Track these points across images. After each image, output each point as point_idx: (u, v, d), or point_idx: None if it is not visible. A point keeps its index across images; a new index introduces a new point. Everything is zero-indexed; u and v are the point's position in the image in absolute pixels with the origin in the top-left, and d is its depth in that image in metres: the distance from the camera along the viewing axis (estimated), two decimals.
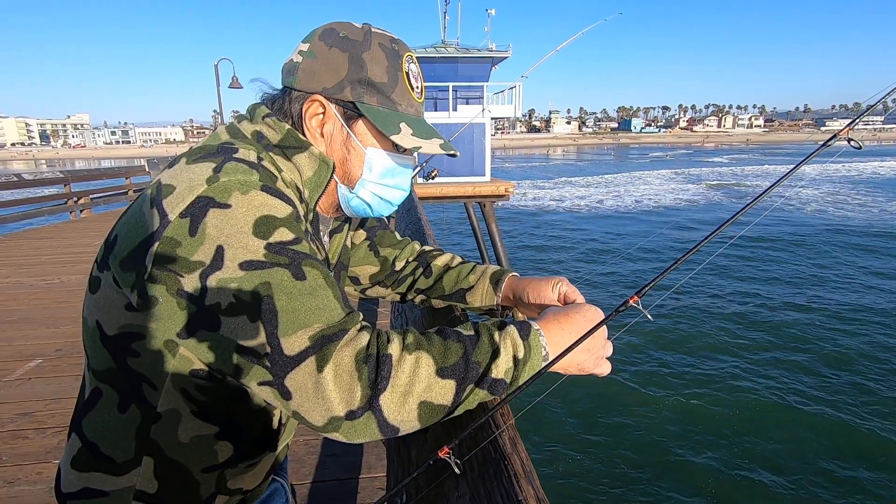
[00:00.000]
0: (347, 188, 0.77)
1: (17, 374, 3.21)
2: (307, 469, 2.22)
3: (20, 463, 2.28)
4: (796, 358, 7.50)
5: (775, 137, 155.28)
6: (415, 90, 0.75)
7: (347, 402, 0.51)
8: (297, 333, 0.52)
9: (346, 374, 0.51)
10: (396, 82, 0.73)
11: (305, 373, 0.51)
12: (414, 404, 0.54)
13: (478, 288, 0.95)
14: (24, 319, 4.27)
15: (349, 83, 0.71)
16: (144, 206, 0.59)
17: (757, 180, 33.76)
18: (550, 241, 16.20)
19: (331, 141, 0.74)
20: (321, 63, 0.71)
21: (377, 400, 0.52)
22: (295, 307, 0.53)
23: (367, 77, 0.71)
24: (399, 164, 0.77)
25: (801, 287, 10.93)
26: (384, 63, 0.72)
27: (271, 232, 0.57)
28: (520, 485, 0.50)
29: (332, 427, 0.52)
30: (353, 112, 0.72)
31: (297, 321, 0.53)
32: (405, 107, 0.74)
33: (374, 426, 0.53)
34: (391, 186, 0.78)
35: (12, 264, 6.39)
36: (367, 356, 0.53)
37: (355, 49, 0.71)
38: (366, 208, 0.80)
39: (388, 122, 0.71)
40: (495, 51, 14.43)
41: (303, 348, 0.52)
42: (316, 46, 0.71)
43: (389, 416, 0.53)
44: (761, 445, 5.51)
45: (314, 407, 0.51)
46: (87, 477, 0.67)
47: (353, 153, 0.75)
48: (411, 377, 0.54)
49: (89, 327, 0.66)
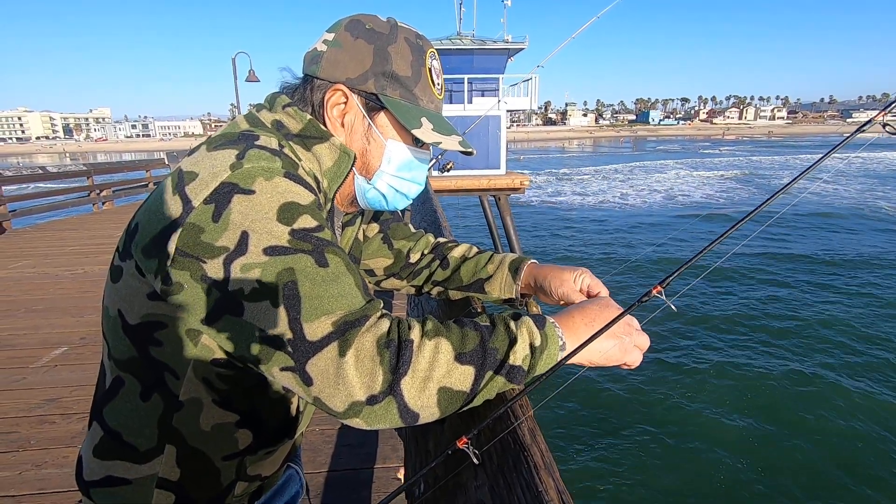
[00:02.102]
0: (365, 179, 0.77)
1: (43, 361, 3.31)
2: (323, 458, 2.25)
3: (47, 447, 2.35)
4: (826, 348, 7.36)
5: (799, 129, 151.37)
6: (436, 86, 0.76)
7: (369, 387, 0.51)
8: (320, 319, 0.52)
9: (368, 359, 0.52)
10: (419, 77, 0.73)
11: (327, 358, 0.51)
12: (434, 390, 0.54)
13: (496, 277, 0.94)
14: (49, 308, 4.39)
15: (373, 75, 0.71)
16: (166, 194, 0.59)
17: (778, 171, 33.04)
18: (567, 234, 16.06)
19: (351, 131, 0.74)
20: (346, 53, 0.71)
21: (398, 385, 0.52)
22: (318, 293, 0.53)
23: (392, 70, 0.71)
24: (417, 157, 0.78)
25: (833, 276, 10.70)
26: (409, 57, 0.72)
27: (295, 218, 0.57)
28: (540, 476, 0.50)
29: (353, 412, 0.52)
30: (376, 104, 0.73)
31: (320, 307, 0.53)
32: (426, 102, 0.75)
33: (395, 411, 0.53)
34: (408, 179, 0.79)
35: (38, 254, 6.57)
36: (389, 341, 0.53)
37: (381, 42, 0.71)
38: (381, 200, 0.80)
39: (410, 116, 0.72)
40: (511, 42, 14.29)
41: (325, 334, 0.52)
42: (342, 37, 0.72)
43: (410, 402, 0.53)
44: (789, 443, 5.39)
45: (335, 392, 0.52)
46: (110, 465, 0.68)
47: (373, 144, 0.75)
48: (431, 362, 0.54)
49: (111, 316, 0.66)
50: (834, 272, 11.13)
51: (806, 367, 6.86)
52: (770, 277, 10.75)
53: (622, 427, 5.73)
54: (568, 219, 18.44)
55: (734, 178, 30.17)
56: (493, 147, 13.83)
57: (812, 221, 16.29)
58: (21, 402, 2.77)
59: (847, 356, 7.17)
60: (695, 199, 22.79)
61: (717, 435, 5.54)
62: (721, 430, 5.62)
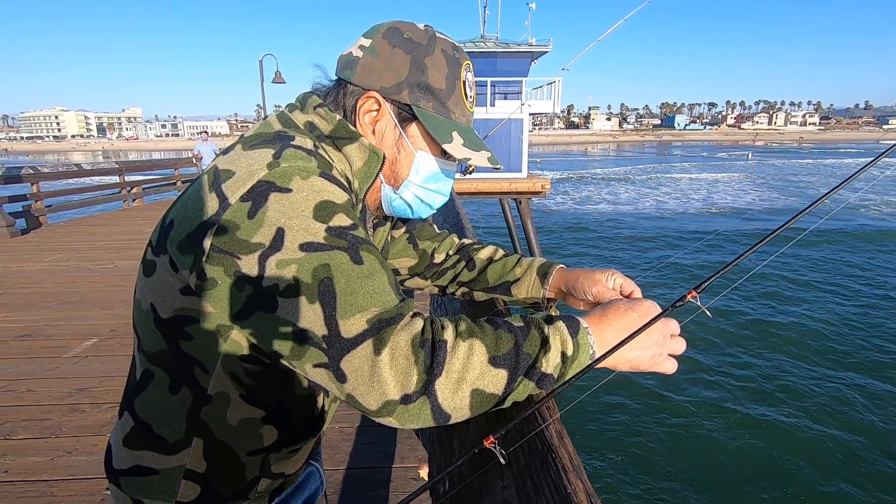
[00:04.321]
0: (392, 188, 0.77)
1: (74, 352, 3.42)
2: (341, 456, 2.27)
3: (77, 435, 2.44)
4: (862, 362, 7.12)
5: (832, 136, 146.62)
6: (468, 99, 0.76)
7: (403, 386, 0.51)
8: (356, 316, 0.52)
9: (403, 358, 0.51)
10: (453, 90, 0.73)
11: (362, 356, 0.51)
12: (467, 391, 0.53)
13: (524, 280, 0.94)
14: (81, 301, 4.54)
15: (408, 85, 0.71)
16: (203, 191, 0.60)
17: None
18: (589, 238, 15.89)
19: (382, 139, 0.74)
20: (382, 61, 0.71)
21: (432, 385, 0.52)
22: (353, 289, 0.53)
23: (427, 82, 0.71)
24: (444, 170, 0.78)
25: (871, 290, 10.35)
26: (444, 70, 0.72)
27: (331, 216, 0.57)
28: (568, 478, 0.50)
29: (387, 411, 0.52)
30: (408, 114, 0.72)
31: (355, 304, 0.53)
32: (458, 115, 0.74)
33: (428, 411, 0.52)
34: (434, 191, 0.79)
35: (71, 249, 6.80)
36: (423, 341, 0.53)
37: (419, 52, 0.71)
38: (406, 209, 0.80)
39: (442, 130, 0.72)
40: (535, 45, 14.22)
41: (360, 331, 0.52)
42: (379, 44, 0.71)
43: (443, 402, 0.52)
44: (822, 458, 5.24)
45: (369, 390, 0.51)
46: (139, 455, 0.69)
47: (402, 154, 0.75)
48: (465, 364, 0.53)
49: (143, 310, 0.67)
50: (877, 283, 10.76)
51: (841, 380, 6.65)
52: (807, 286, 10.46)
53: (648, 431, 5.67)
54: (586, 221, 18.25)
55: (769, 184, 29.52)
56: (515, 150, 13.78)
57: (856, 232, 15.81)
58: (54, 391, 2.88)
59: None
60: (728, 203, 22.30)
61: (746, 440, 5.43)
62: (751, 441, 5.49)
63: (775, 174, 35.83)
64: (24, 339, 3.65)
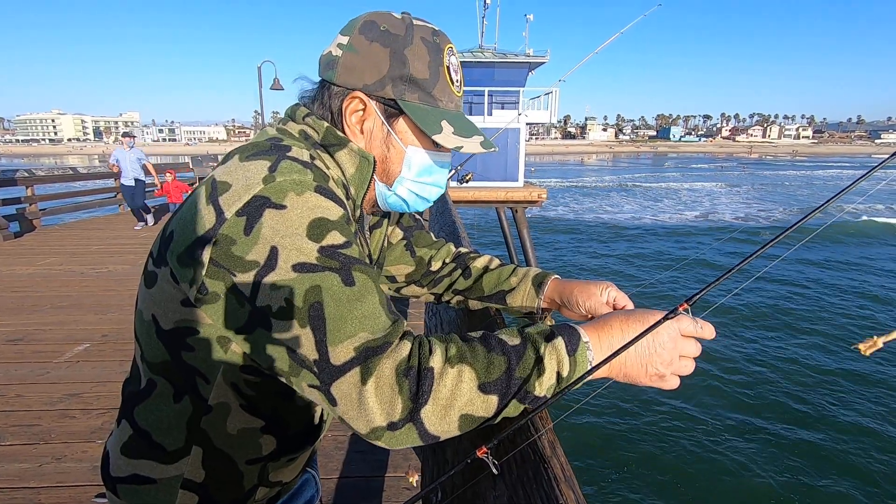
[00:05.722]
0: (385, 186, 0.77)
1: (66, 357, 3.39)
2: (334, 464, 2.25)
3: (67, 441, 2.40)
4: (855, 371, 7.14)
5: (825, 149, 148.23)
6: (454, 83, 0.74)
7: (388, 415, 0.52)
8: (344, 343, 0.53)
9: (387, 388, 0.52)
10: (438, 77, 0.71)
11: (349, 383, 0.52)
12: (455, 416, 0.54)
13: (519, 290, 0.94)
14: (74, 305, 4.51)
15: (390, 80, 0.69)
16: (200, 203, 0.60)
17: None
18: (585, 250, 15.94)
19: (371, 138, 0.74)
20: (362, 58, 0.69)
21: (418, 413, 0.52)
22: (342, 315, 0.54)
23: (409, 74, 0.69)
24: (437, 162, 0.77)
25: (863, 302, 10.41)
26: (426, 58, 0.70)
27: (324, 235, 0.57)
28: (560, 489, 0.50)
29: (375, 436, 0.53)
30: (395, 109, 0.71)
31: (343, 330, 0.53)
32: (446, 102, 0.73)
33: (416, 435, 0.53)
34: (428, 184, 0.78)
35: (65, 252, 6.76)
36: (408, 368, 0.53)
37: (397, 44, 0.69)
38: (402, 205, 0.80)
39: (430, 121, 0.71)
40: (532, 56, 14.36)
41: (348, 359, 0.52)
42: (356, 40, 0.70)
43: (430, 428, 0.53)
44: (820, 463, 5.27)
45: (357, 416, 0.52)
46: (137, 464, 0.69)
47: (392, 151, 0.74)
48: (453, 391, 0.53)
49: (145, 321, 0.67)
50: (871, 295, 10.84)
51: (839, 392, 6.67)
52: (799, 297, 10.52)
53: (641, 440, 5.66)
54: (582, 229, 18.32)
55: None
56: (512, 160, 13.85)
57: (851, 240, 15.99)
58: (44, 396, 2.84)
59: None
60: (722, 215, 22.46)
61: (737, 451, 5.43)
62: (746, 450, 5.50)
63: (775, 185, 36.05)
64: (15, 344, 3.61)
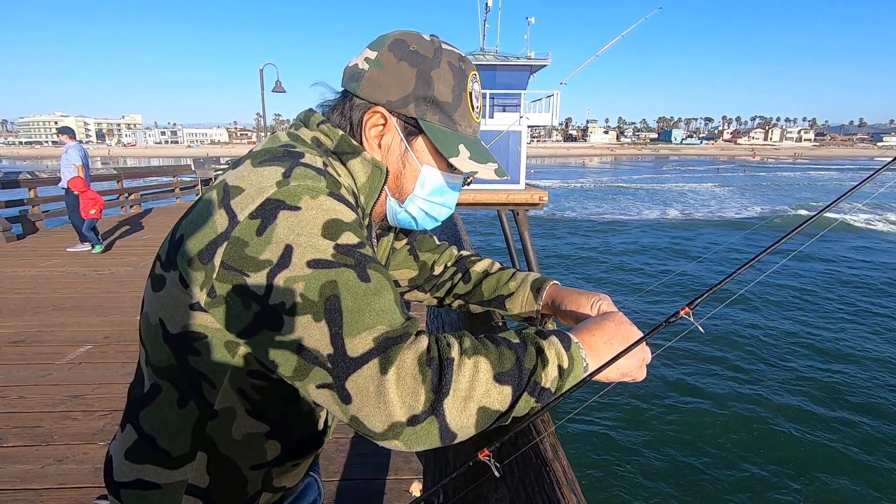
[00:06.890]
0: (397, 202, 0.78)
1: (68, 358, 3.40)
2: (336, 467, 2.25)
3: (69, 443, 2.40)
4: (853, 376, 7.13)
5: (826, 152, 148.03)
6: (475, 110, 0.75)
7: (410, 407, 0.50)
8: (362, 334, 0.52)
9: (410, 377, 0.50)
10: (460, 102, 0.72)
11: (367, 375, 0.50)
12: (473, 409, 0.53)
13: (518, 294, 0.94)
14: (76, 307, 4.52)
15: (414, 99, 0.71)
16: (211, 207, 0.60)
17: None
18: (585, 252, 15.93)
19: (388, 153, 0.75)
20: (388, 75, 0.71)
21: (440, 404, 0.51)
22: (360, 307, 0.53)
23: (433, 95, 0.71)
24: (450, 183, 0.78)
25: (866, 306, 10.38)
26: (451, 83, 0.72)
27: (339, 234, 0.57)
28: (562, 492, 0.50)
29: (393, 434, 0.51)
30: (414, 128, 0.73)
31: (361, 322, 0.52)
32: (465, 127, 0.74)
33: (436, 432, 0.51)
34: (439, 204, 0.79)
35: (67, 254, 6.77)
36: (430, 359, 0.52)
37: (425, 66, 0.71)
38: (411, 222, 0.81)
39: (448, 144, 0.72)
40: (534, 59, 14.37)
41: (366, 350, 0.51)
42: (384, 56, 0.71)
43: (451, 422, 0.52)
44: (824, 462, 5.27)
45: (374, 412, 0.50)
46: (141, 469, 0.69)
47: (408, 168, 0.75)
48: (472, 381, 0.53)
49: (151, 324, 0.66)
50: (871, 299, 10.80)
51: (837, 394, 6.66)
52: (801, 301, 10.50)
53: (643, 443, 5.65)
54: (587, 234, 18.31)
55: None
56: (513, 162, 13.86)
57: (854, 244, 15.94)
58: (46, 398, 2.85)
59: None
60: (723, 215, 22.44)
61: (736, 455, 5.42)
62: (746, 452, 5.49)
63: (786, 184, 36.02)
64: (17, 345, 3.62)
